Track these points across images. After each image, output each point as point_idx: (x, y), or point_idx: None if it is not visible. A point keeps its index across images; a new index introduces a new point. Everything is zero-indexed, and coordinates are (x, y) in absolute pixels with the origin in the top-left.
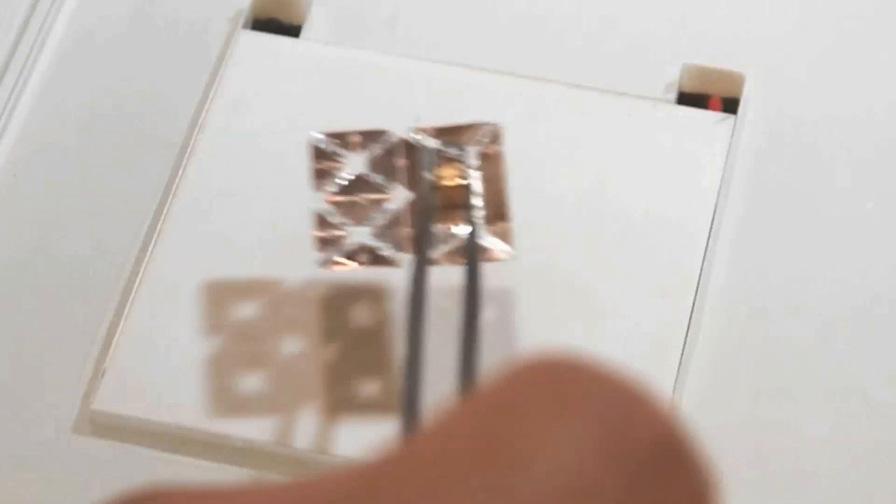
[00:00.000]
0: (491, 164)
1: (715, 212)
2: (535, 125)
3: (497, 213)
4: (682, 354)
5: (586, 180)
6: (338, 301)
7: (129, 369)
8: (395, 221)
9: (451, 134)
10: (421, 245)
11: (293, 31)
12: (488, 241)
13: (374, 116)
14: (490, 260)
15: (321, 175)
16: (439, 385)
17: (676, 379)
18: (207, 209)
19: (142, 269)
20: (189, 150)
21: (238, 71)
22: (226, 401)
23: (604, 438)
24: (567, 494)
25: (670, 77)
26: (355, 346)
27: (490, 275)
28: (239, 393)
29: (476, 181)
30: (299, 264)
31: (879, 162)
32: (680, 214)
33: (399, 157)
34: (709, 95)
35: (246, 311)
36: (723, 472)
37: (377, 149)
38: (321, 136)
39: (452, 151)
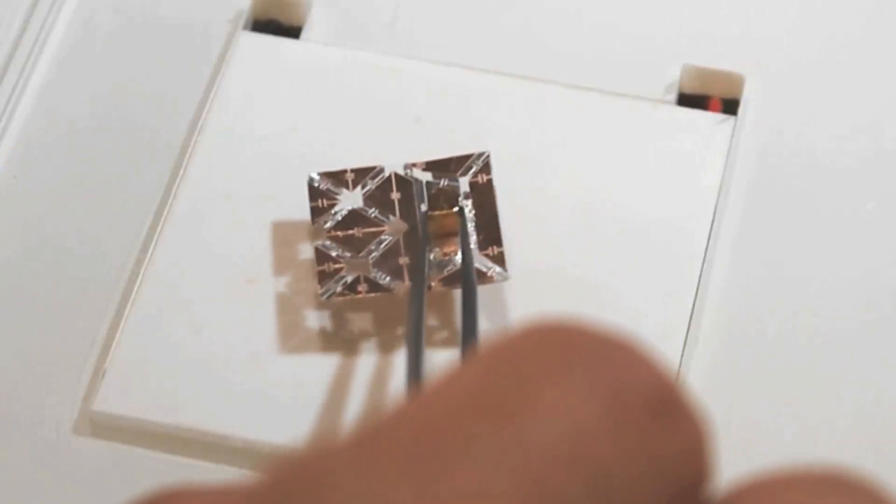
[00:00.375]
0: (482, 192)
1: (715, 212)
2: (535, 125)
3: (490, 238)
4: (682, 354)
5: (586, 181)
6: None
7: (129, 369)
8: (391, 251)
9: (441, 167)
10: (417, 273)
11: (293, 32)
12: (483, 264)
13: (374, 117)
14: (485, 283)
15: (318, 212)
16: None
17: (677, 379)
18: (208, 210)
19: (142, 269)
20: (189, 150)
21: (238, 72)
22: (226, 400)
23: (606, 392)
24: (571, 443)
25: (670, 78)
26: (358, 347)
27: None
28: (239, 392)
29: (467, 209)
30: (299, 264)
31: (879, 162)
32: (680, 215)
33: (392, 191)
34: (709, 96)
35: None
36: (722, 471)
37: (371, 184)
38: (317, 177)
39: (444, 182)
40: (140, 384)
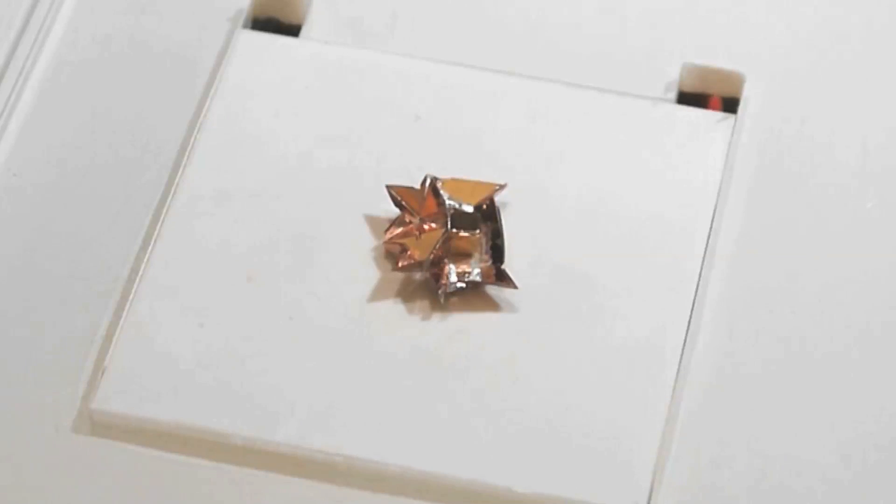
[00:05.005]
0: (492, 219)
1: (715, 211)
2: (535, 125)
3: (498, 257)
4: (681, 354)
5: (586, 179)
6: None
7: (128, 368)
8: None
9: (465, 191)
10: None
11: (293, 30)
12: (494, 277)
13: (373, 115)
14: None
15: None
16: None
17: (676, 379)
18: (207, 209)
19: (142, 269)
20: (189, 149)
21: (237, 70)
22: (225, 399)
23: None
24: None
25: (670, 77)
26: (361, 348)
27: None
28: (239, 391)
29: (484, 233)
30: (298, 263)
31: (879, 162)
32: (680, 212)
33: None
34: (709, 95)
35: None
36: (723, 470)
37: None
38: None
39: (467, 209)
40: (139, 383)
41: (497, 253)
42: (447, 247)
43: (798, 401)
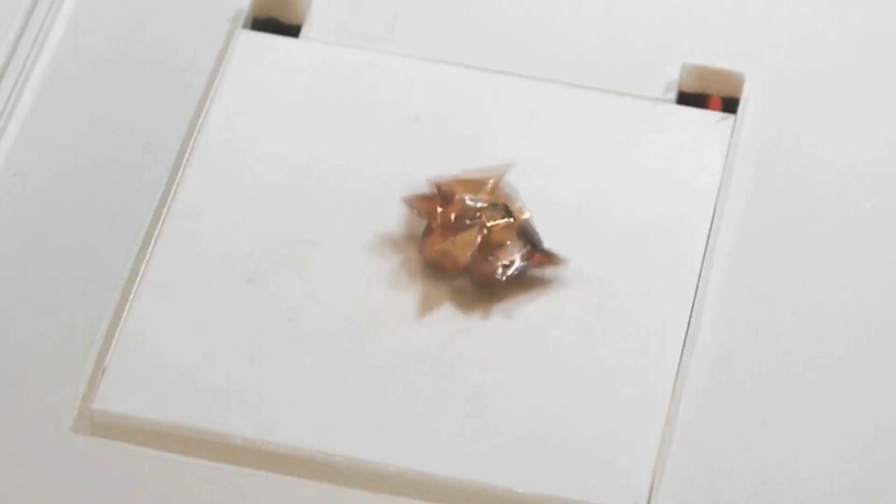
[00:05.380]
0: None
1: (715, 211)
2: (535, 125)
3: (533, 239)
4: (681, 354)
5: (586, 180)
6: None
7: (129, 369)
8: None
9: (475, 185)
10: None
11: (293, 30)
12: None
13: (373, 116)
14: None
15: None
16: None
17: (676, 379)
18: (207, 209)
19: (142, 269)
20: (189, 149)
21: (237, 70)
22: (225, 399)
23: None
24: None
25: (670, 77)
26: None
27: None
28: (239, 391)
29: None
30: (298, 264)
31: (879, 162)
32: (679, 212)
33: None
34: (708, 95)
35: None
36: (722, 470)
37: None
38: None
39: (487, 202)
40: (139, 383)
41: (530, 236)
42: (485, 242)
43: (797, 401)
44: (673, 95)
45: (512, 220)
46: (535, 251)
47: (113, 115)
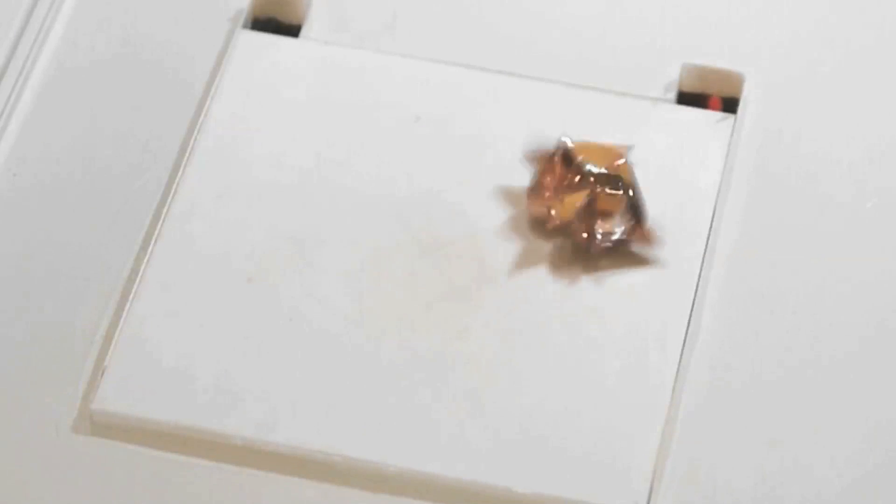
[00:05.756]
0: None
1: (715, 211)
2: (535, 124)
3: (639, 216)
4: (681, 354)
5: None
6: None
7: (128, 368)
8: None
9: (595, 154)
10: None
11: (293, 30)
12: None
13: (373, 115)
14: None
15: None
16: None
17: (676, 379)
18: (207, 209)
19: (142, 269)
20: (189, 149)
21: (237, 70)
22: (224, 399)
23: None
24: None
25: (670, 77)
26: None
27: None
28: (239, 391)
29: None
30: (298, 264)
31: (879, 161)
32: (679, 212)
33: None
34: (709, 95)
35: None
36: (722, 470)
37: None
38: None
39: (605, 171)
40: (139, 383)
41: (637, 212)
42: (591, 208)
43: (797, 402)
44: (673, 95)
45: (622, 192)
46: (637, 226)
47: (113, 115)
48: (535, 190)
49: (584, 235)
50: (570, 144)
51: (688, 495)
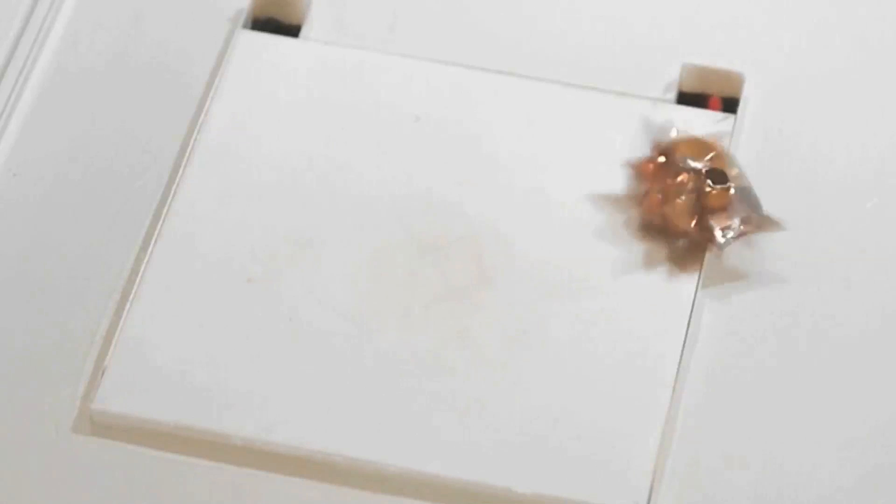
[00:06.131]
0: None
1: None
2: (535, 125)
3: (752, 204)
4: (681, 355)
5: (586, 180)
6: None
7: (128, 368)
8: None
9: (693, 148)
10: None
11: (293, 30)
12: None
13: (373, 115)
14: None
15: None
16: None
17: (676, 378)
18: (207, 209)
19: (142, 269)
20: (189, 149)
21: (237, 70)
22: (224, 399)
23: None
24: None
25: (670, 77)
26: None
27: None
28: (239, 391)
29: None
30: (298, 264)
31: (879, 161)
32: None
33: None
34: (708, 95)
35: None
36: (722, 470)
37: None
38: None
39: (709, 166)
40: (139, 383)
41: (750, 201)
42: (702, 207)
43: (797, 402)
44: (673, 95)
45: (729, 186)
46: (754, 215)
47: (113, 115)
48: (647, 197)
49: (708, 235)
50: (666, 144)
51: (688, 495)
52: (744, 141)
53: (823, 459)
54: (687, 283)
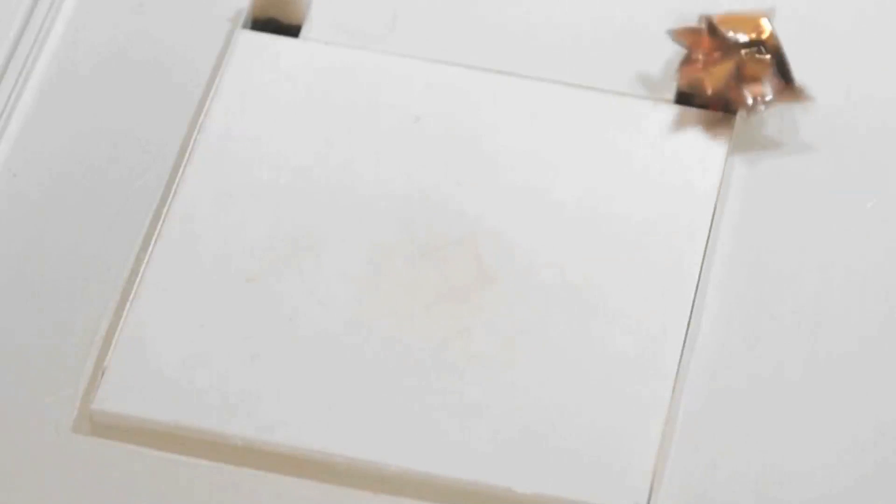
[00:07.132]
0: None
1: (715, 211)
2: (535, 125)
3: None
4: (681, 355)
5: (585, 179)
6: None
7: (128, 368)
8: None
9: (738, 23)
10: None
11: (293, 31)
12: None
13: (373, 115)
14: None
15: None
16: None
17: (676, 379)
18: (207, 209)
19: (142, 269)
20: (189, 149)
21: (237, 70)
22: (224, 399)
23: None
24: None
25: (670, 77)
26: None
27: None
28: (239, 391)
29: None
30: (298, 264)
31: (879, 162)
32: (679, 212)
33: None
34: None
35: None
36: (722, 470)
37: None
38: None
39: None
40: (139, 383)
41: (784, 73)
42: (740, 74)
43: (797, 402)
44: (672, 95)
45: (768, 56)
46: (787, 86)
47: (112, 115)
48: (686, 63)
49: (739, 101)
50: (714, 18)
51: (688, 495)
52: (744, 141)
53: (824, 459)
54: (687, 283)
